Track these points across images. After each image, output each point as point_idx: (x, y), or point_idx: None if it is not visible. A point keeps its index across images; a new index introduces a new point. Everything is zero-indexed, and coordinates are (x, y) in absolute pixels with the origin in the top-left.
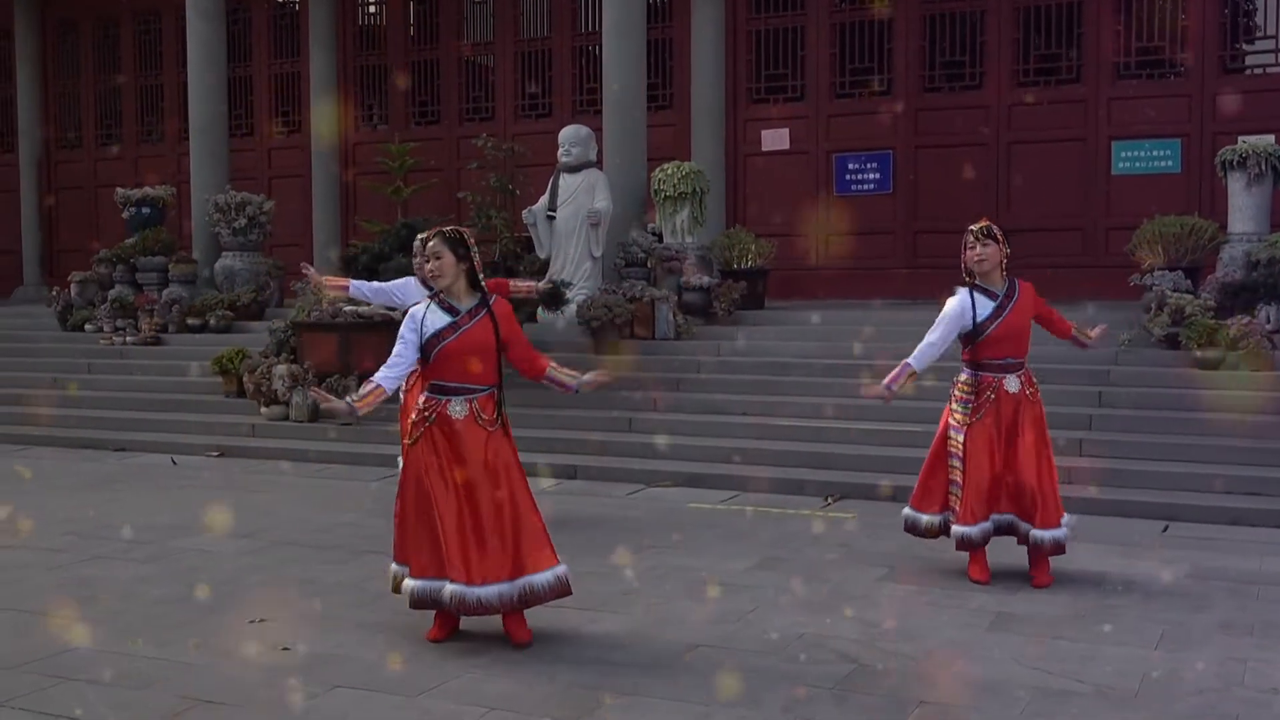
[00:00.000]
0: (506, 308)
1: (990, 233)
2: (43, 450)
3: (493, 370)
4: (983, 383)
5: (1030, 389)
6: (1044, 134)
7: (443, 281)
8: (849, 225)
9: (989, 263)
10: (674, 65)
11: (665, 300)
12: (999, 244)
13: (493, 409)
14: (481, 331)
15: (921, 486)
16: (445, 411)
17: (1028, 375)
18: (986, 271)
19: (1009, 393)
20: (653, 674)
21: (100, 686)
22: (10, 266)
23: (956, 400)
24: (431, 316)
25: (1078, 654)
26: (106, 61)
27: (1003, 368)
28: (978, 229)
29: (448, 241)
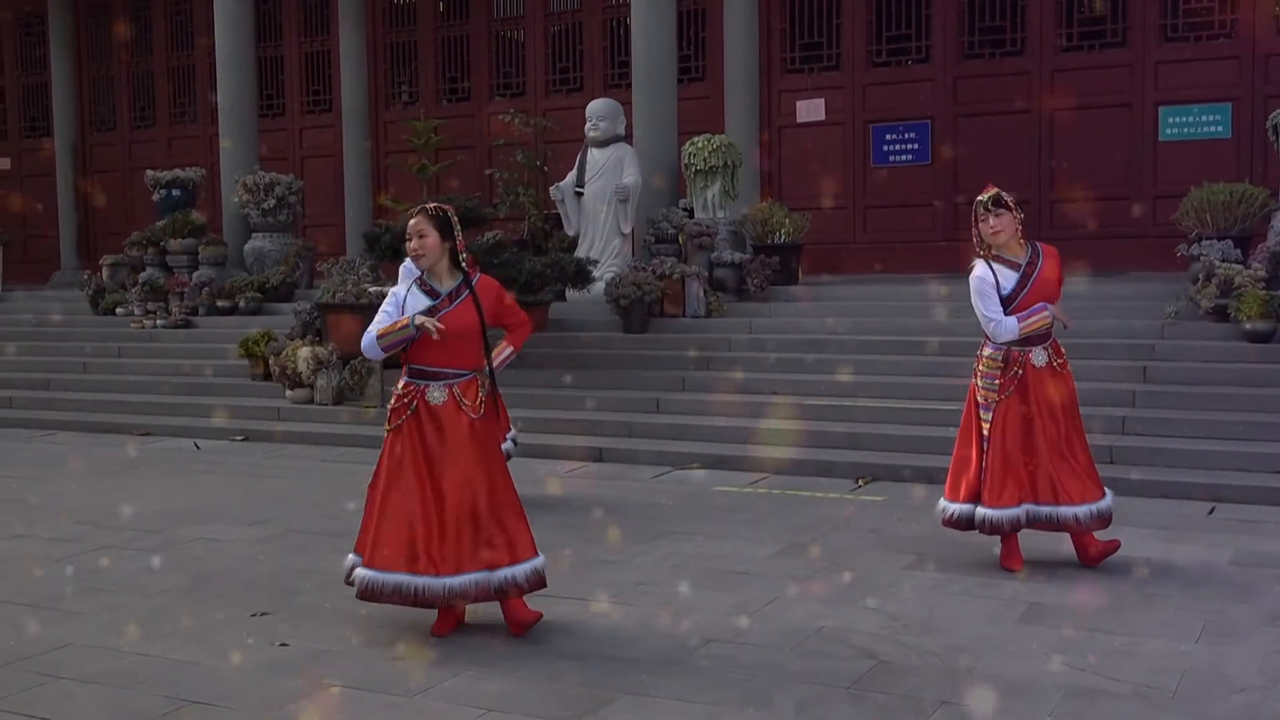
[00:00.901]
0: (491, 284)
1: (1000, 201)
2: (68, 435)
3: (475, 353)
4: (1009, 357)
5: (1059, 360)
6: (1088, 100)
7: (425, 261)
8: (887, 197)
9: (1005, 233)
10: (706, 36)
11: (695, 277)
12: (1011, 212)
13: (475, 393)
14: (463, 314)
15: (953, 474)
16: (424, 398)
17: (1055, 345)
18: (1004, 243)
19: (1035, 367)
20: (660, 671)
21: (89, 685)
22: (49, 251)
23: (982, 376)
24: (412, 299)
25: (1114, 648)
26: (139, 43)
27: (1027, 340)
28: (987, 199)
29: (431, 219)
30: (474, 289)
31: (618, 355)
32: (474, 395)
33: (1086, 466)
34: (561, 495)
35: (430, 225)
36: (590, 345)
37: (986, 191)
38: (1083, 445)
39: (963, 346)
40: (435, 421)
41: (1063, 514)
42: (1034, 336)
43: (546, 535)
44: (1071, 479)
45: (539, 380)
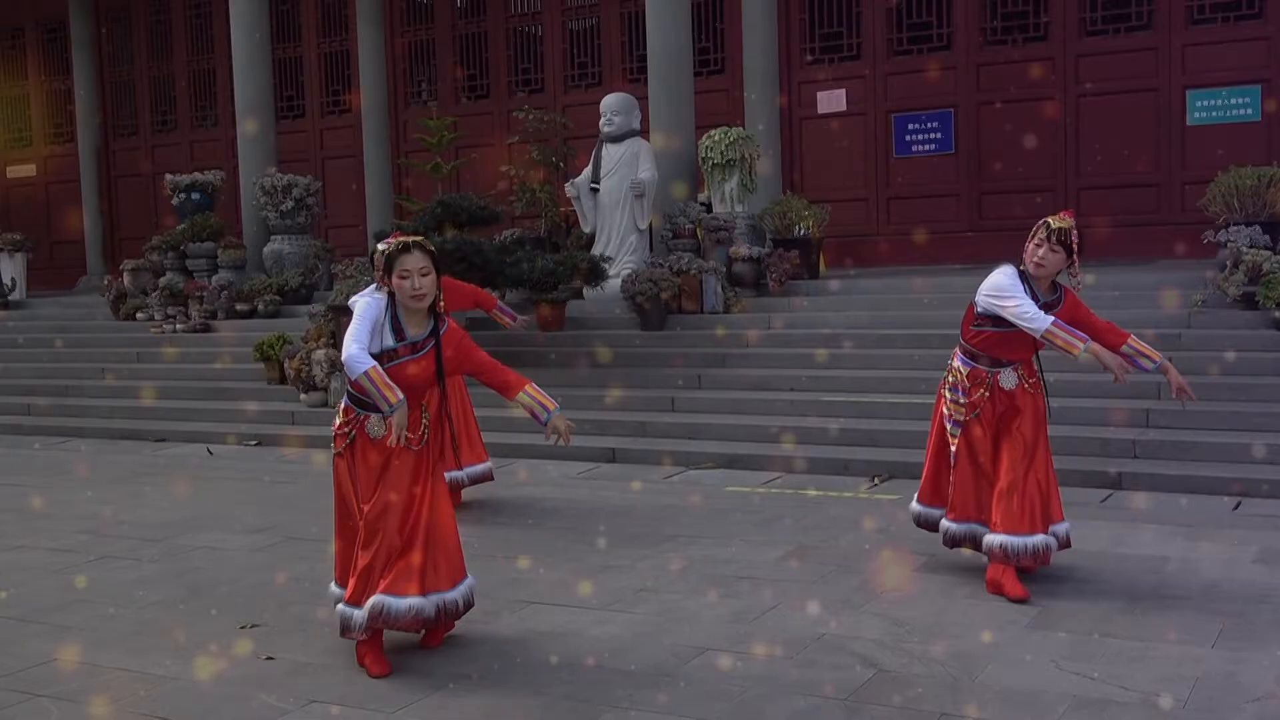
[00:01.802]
0: (456, 335)
1: (1065, 239)
2: (82, 442)
3: (425, 395)
4: (975, 376)
5: (1030, 380)
6: (1114, 85)
7: (425, 303)
8: (910, 188)
9: (1047, 269)
10: (724, 27)
11: (713, 272)
12: (1068, 254)
13: (418, 427)
14: (422, 367)
15: (927, 481)
16: (364, 429)
17: (1028, 366)
18: (1039, 277)
19: (1004, 389)
20: (651, 683)
21: (65, 703)
22: (75, 256)
23: (949, 386)
24: (385, 333)
25: (1126, 654)
26: (159, 47)
27: (999, 363)
28: (1056, 228)
29: (430, 255)
30: (439, 341)
31: (634, 353)
32: (416, 428)
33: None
34: (570, 498)
35: (429, 261)
36: (606, 343)
37: (1061, 218)
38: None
39: None
40: (373, 451)
41: (988, 539)
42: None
43: (550, 540)
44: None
45: (554, 379)
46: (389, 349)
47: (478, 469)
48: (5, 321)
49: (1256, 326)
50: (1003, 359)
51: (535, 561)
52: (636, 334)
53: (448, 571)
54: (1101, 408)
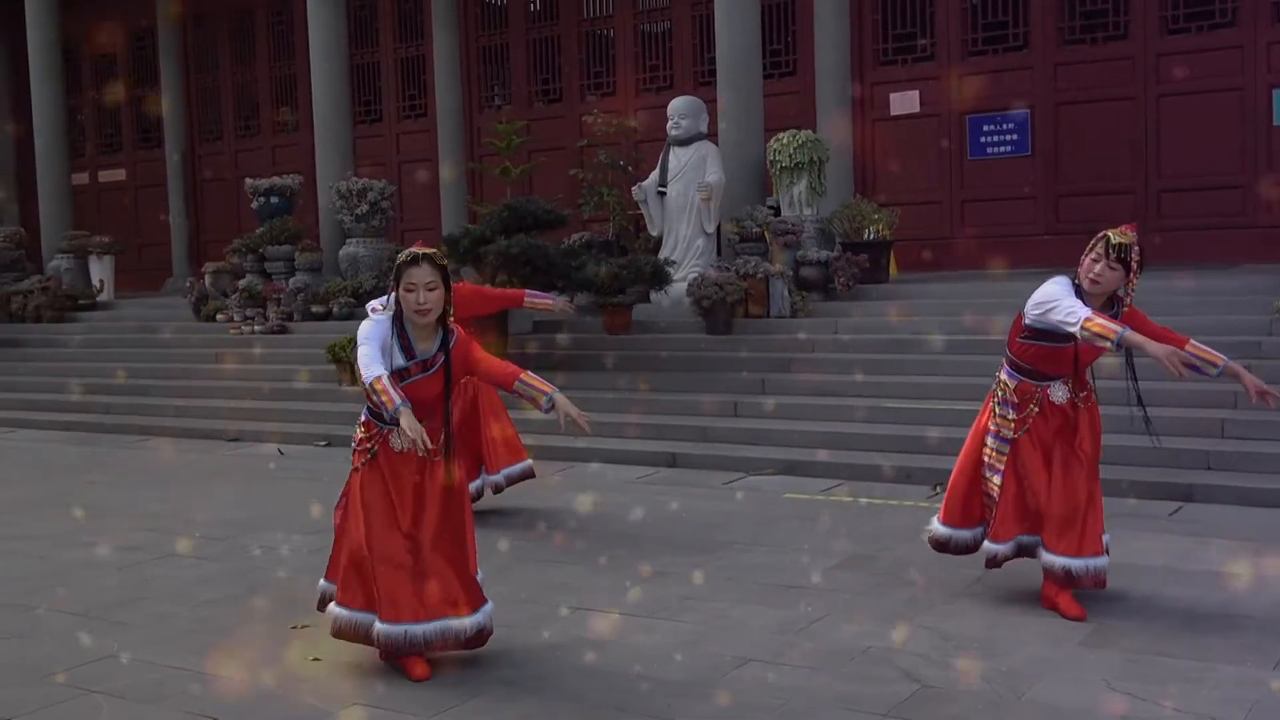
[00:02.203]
0: (463, 345)
1: (1124, 256)
2: (160, 441)
3: (440, 409)
4: (1024, 390)
5: (1083, 394)
6: (1196, 85)
7: (428, 318)
8: (985, 191)
9: (1103, 286)
10: (797, 29)
11: (779, 276)
12: (1127, 272)
13: (438, 438)
14: (432, 384)
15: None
16: (387, 444)
17: (1080, 380)
18: (1095, 294)
19: (1054, 403)
20: (689, 693)
21: (115, 699)
22: (162, 259)
23: (997, 401)
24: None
25: (1181, 674)
26: (243, 54)
27: (1047, 377)
28: (1117, 243)
29: (439, 269)
30: (449, 356)
31: (698, 357)
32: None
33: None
34: (626, 502)
35: (437, 275)
36: (671, 347)
37: (1123, 232)
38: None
39: None
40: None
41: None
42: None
43: (601, 545)
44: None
45: (617, 383)
46: (400, 368)
47: (516, 469)
48: (92, 322)
49: None
50: (1050, 373)
51: (585, 567)
52: (702, 338)
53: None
54: (1174, 417)
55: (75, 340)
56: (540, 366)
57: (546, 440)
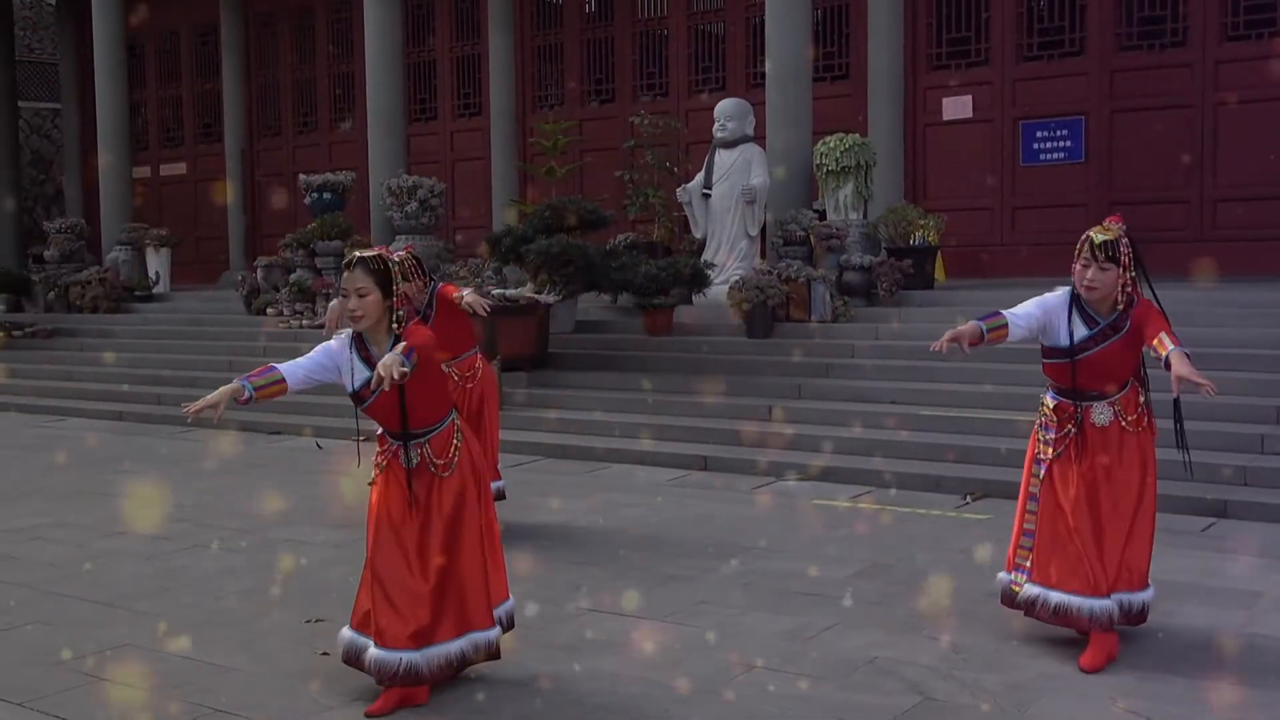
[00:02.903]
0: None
1: (1112, 253)
2: (204, 433)
3: (433, 409)
4: (1062, 410)
5: (1130, 416)
6: (1255, 93)
7: (364, 324)
8: (1037, 198)
9: (1100, 291)
10: (850, 33)
11: (822, 280)
12: (1120, 268)
13: (448, 450)
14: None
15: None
16: (397, 459)
17: (1129, 399)
18: (1095, 300)
19: (1095, 426)
20: (690, 700)
21: (125, 688)
22: (219, 252)
23: (1040, 425)
24: (356, 369)
25: (1192, 695)
26: (303, 51)
27: (1084, 396)
28: (1100, 242)
29: (371, 273)
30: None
31: (737, 361)
32: (446, 452)
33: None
34: (653, 504)
35: (370, 280)
36: (710, 350)
37: (1105, 228)
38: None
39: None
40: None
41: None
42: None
43: (624, 547)
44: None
45: (654, 385)
46: (365, 381)
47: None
48: (147, 313)
49: None
50: (1088, 389)
51: (604, 569)
52: (742, 341)
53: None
54: (1212, 431)
55: (129, 331)
56: (582, 367)
57: (580, 440)
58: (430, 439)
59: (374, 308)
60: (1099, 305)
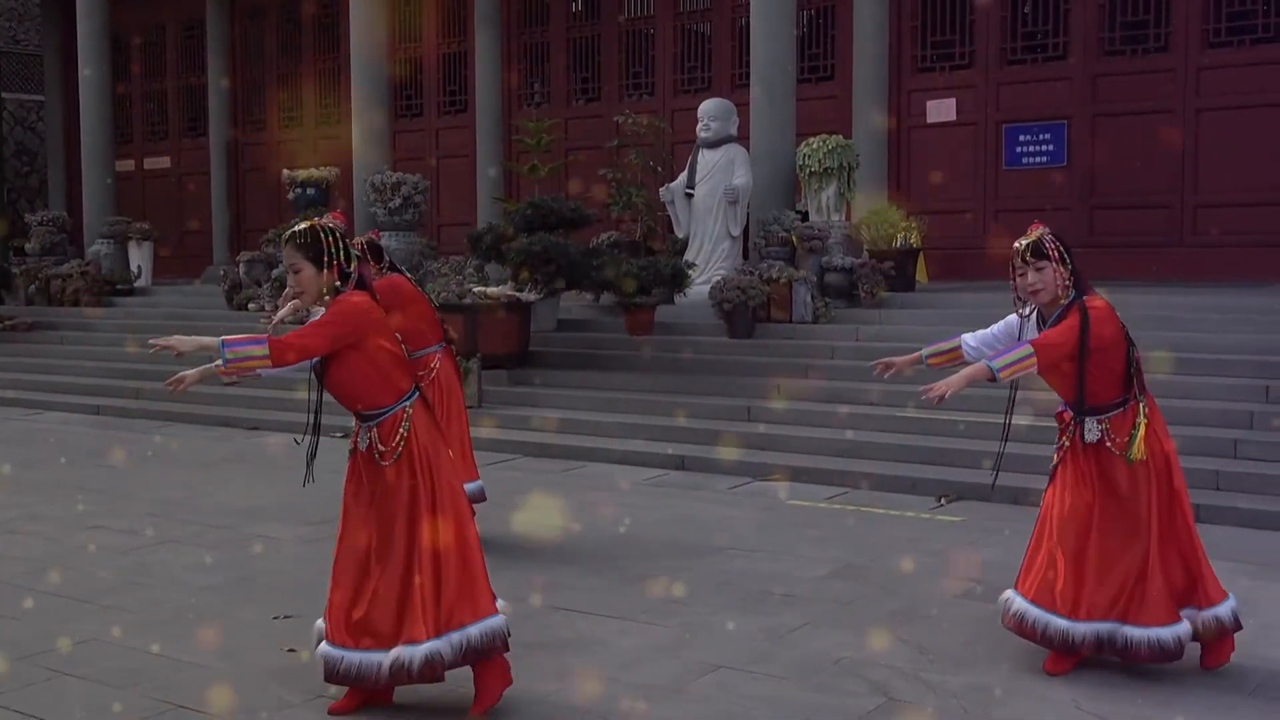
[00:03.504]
0: (341, 296)
1: (1041, 251)
2: (182, 427)
3: (376, 390)
4: (1062, 420)
5: (1118, 438)
6: (1237, 99)
7: (307, 299)
8: (1019, 201)
9: (1047, 292)
10: (836, 34)
11: (803, 281)
12: (1054, 262)
13: (392, 438)
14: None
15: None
16: (356, 443)
17: (1119, 421)
18: (1046, 303)
19: (1084, 442)
20: (655, 698)
21: (90, 683)
22: (202, 246)
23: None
24: None
25: (1155, 699)
26: (289, 46)
27: (1080, 409)
28: (1024, 246)
29: (300, 248)
30: None
31: (717, 360)
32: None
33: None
34: (630, 503)
35: (301, 256)
36: (691, 349)
37: (1028, 234)
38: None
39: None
40: (363, 469)
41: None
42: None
43: (599, 546)
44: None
45: (634, 384)
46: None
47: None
48: (128, 307)
49: None
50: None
51: (578, 567)
52: (722, 341)
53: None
54: (1187, 435)
55: (109, 325)
56: (562, 366)
57: (556, 439)
58: (379, 423)
59: (309, 282)
60: (1050, 309)
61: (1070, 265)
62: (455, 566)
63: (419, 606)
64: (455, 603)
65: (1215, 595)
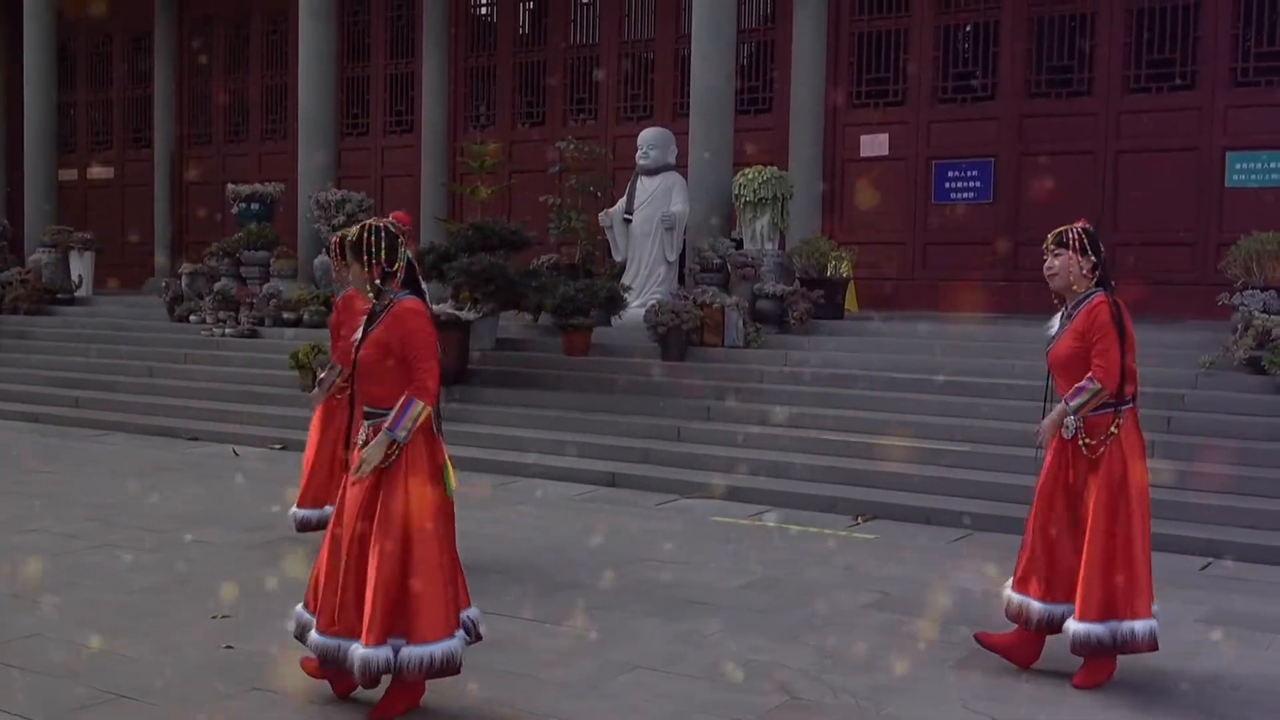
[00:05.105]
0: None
1: (1063, 239)
2: (121, 436)
3: (384, 386)
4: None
5: (1089, 440)
6: (1154, 143)
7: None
8: (947, 234)
9: (1060, 278)
10: (774, 68)
11: (735, 307)
12: (1072, 251)
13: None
14: (372, 340)
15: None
16: (355, 438)
17: (1094, 423)
18: (1060, 288)
19: (1063, 439)
20: (574, 694)
21: (32, 675)
22: (145, 257)
23: None
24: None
25: (1040, 698)
26: (236, 61)
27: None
28: (1053, 235)
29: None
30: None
31: (651, 382)
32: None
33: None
34: (560, 517)
35: (352, 256)
36: (625, 371)
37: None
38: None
39: (993, 388)
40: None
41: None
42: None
43: (528, 556)
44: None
45: (569, 403)
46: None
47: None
48: (68, 316)
49: (1260, 391)
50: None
51: (506, 575)
52: (656, 363)
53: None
54: None
55: (49, 333)
56: (499, 384)
57: (490, 454)
58: (377, 423)
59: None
60: (1065, 295)
61: (1095, 259)
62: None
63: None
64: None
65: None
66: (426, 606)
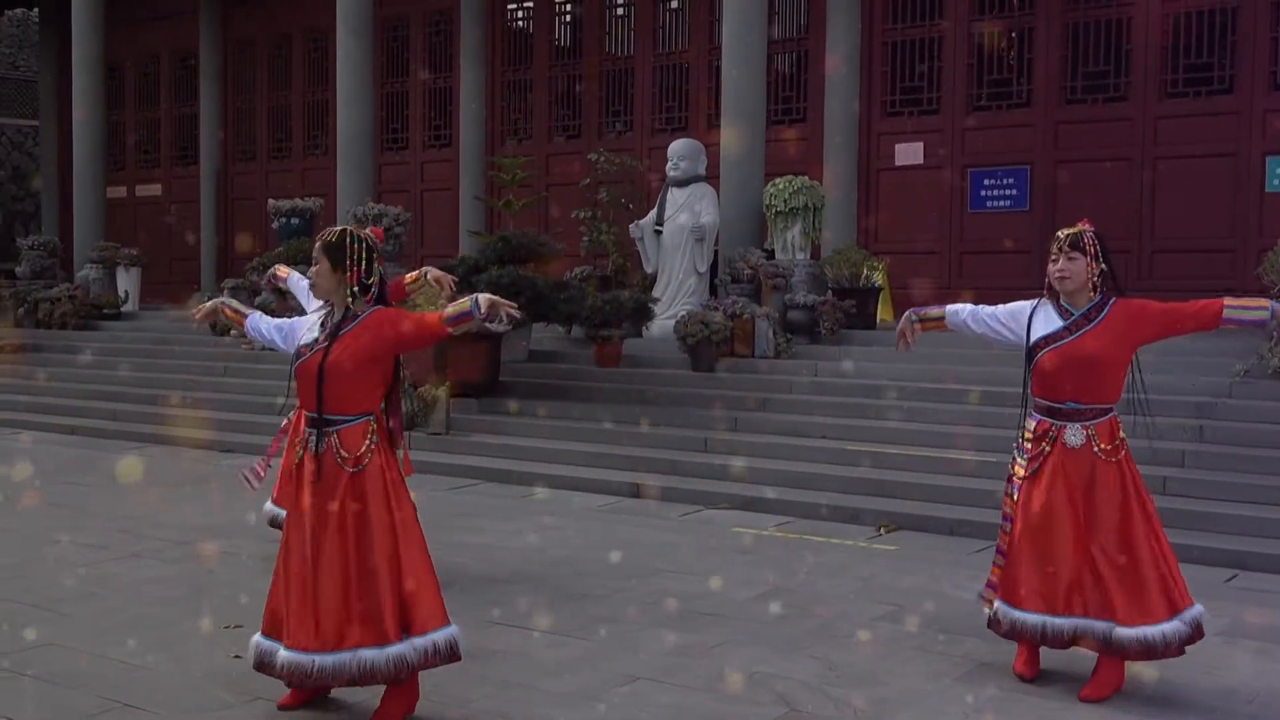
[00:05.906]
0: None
1: (1078, 243)
2: (159, 449)
3: (350, 396)
4: (1039, 430)
5: (1105, 444)
6: (1192, 149)
7: (318, 292)
8: (983, 243)
9: (1072, 281)
10: (808, 78)
11: (765, 318)
12: (1089, 258)
13: (359, 443)
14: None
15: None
16: (308, 449)
17: (1105, 427)
18: (1070, 291)
19: (1069, 448)
20: (572, 704)
21: (42, 683)
22: (190, 273)
23: (1017, 447)
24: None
25: (1041, 712)
26: (279, 78)
27: (1060, 413)
28: (1065, 236)
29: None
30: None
31: (680, 393)
32: (358, 445)
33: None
34: (581, 527)
35: (324, 254)
36: (655, 382)
37: (1072, 227)
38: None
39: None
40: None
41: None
42: (1069, 410)
43: (544, 566)
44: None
45: (598, 414)
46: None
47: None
48: (114, 331)
49: None
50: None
51: (521, 585)
52: (686, 374)
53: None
54: None
55: (95, 348)
56: (529, 395)
57: (521, 466)
58: (341, 430)
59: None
60: (1075, 298)
61: (1105, 265)
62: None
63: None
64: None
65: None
66: (424, 599)
